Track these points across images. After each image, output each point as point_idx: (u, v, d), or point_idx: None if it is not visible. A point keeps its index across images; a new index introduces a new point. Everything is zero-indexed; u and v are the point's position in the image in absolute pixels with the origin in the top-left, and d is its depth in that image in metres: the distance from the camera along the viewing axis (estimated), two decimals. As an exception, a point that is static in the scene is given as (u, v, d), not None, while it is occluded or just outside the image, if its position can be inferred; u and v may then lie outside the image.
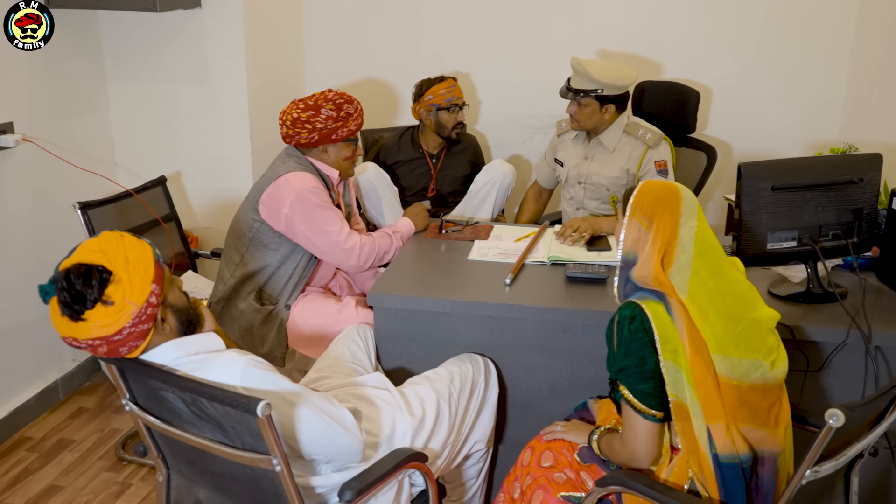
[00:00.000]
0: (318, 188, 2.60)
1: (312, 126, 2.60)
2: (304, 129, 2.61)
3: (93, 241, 1.59)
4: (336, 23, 4.02)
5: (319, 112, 2.60)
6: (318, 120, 2.60)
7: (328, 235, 2.60)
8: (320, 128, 2.60)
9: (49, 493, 2.69)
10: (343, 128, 2.63)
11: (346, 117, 2.63)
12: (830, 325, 2.16)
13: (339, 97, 2.64)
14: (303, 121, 2.60)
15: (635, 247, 1.81)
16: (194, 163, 3.57)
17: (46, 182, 3.12)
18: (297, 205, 2.56)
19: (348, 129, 2.64)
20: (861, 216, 2.28)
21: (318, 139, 2.62)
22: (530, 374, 2.34)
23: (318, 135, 2.61)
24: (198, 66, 3.44)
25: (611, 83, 2.97)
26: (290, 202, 2.56)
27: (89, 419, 3.13)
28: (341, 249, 2.61)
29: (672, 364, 1.71)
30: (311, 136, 2.62)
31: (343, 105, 2.63)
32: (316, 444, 1.68)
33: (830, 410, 1.44)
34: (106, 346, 1.57)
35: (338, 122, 2.61)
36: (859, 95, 3.63)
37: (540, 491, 1.94)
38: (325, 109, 2.60)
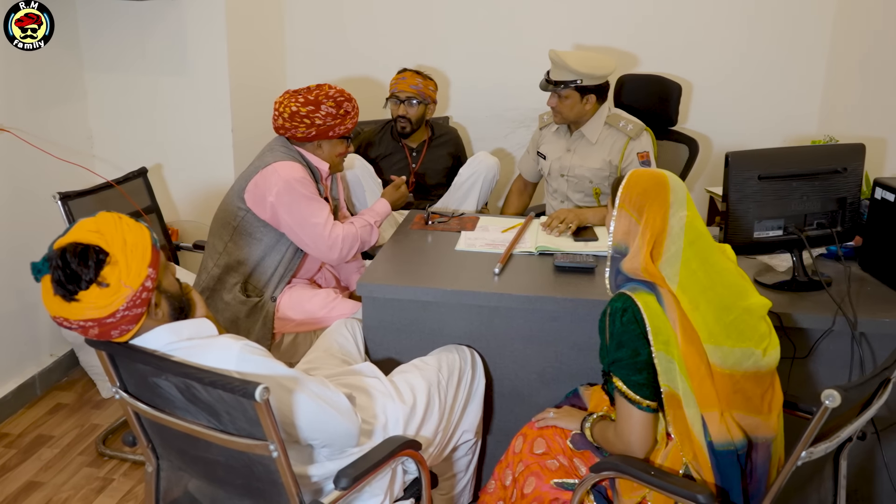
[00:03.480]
0: (305, 179, 2.58)
1: (311, 122, 2.58)
2: (302, 123, 2.58)
3: (90, 221, 1.55)
4: (317, 13, 3.99)
5: (319, 108, 2.58)
6: (317, 116, 2.58)
7: (313, 228, 2.57)
8: (319, 124, 2.58)
9: (29, 489, 2.64)
10: (340, 125, 2.61)
11: (345, 115, 2.62)
12: (816, 312, 2.18)
13: (339, 94, 2.62)
14: (302, 115, 2.58)
15: (626, 238, 1.80)
16: (175, 155, 3.52)
17: (23, 172, 3.05)
18: (284, 194, 2.53)
19: (345, 126, 2.63)
20: (845, 205, 2.32)
21: (315, 135, 2.61)
22: (519, 363, 2.34)
23: (315, 130, 2.59)
24: (178, 56, 3.39)
25: (589, 73, 2.98)
26: (277, 191, 2.53)
27: (68, 415, 3.07)
28: (325, 242, 2.59)
29: (664, 355, 1.71)
30: (308, 132, 2.59)
31: (343, 103, 2.62)
32: (313, 428, 1.66)
33: (827, 391, 1.45)
34: (97, 329, 1.54)
35: (336, 120, 2.60)
36: (837, 89, 3.68)
37: (532, 478, 1.94)
38: (326, 106, 2.58)
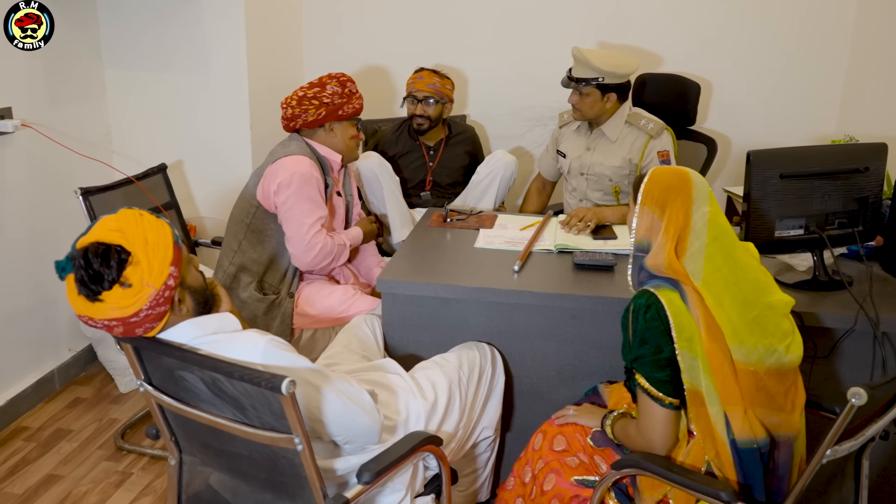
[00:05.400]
0: (311, 175, 2.61)
1: (319, 101, 2.66)
2: (311, 104, 2.66)
3: (111, 219, 1.55)
4: (335, 10, 4.00)
5: (325, 88, 2.68)
6: (324, 95, 2.67)
7: (299, 226, 2.61)
8: (327, 102, 2.66)
9: (48, 482, 2.66)
10: (348, 104, 2.69)
11: (350, 94, 2.71)
12: (838, 311, 2.17)
13: (341, 75, 2.74)
14: (309, 97, 2.67)
15: (648, 234, 1.80)
16: (193, 151, 3.54)
17: (44, 168, 3.07)
18: (284, 185, 2.59)
19: (352, 106, 2.71)
20: (866, 205, 2.30)
21: (325, 115, 2.67)
22: (538, 360, 2.34)
23: (325, 110, 2.66)
24: (197, 54, 3.41)
25: (612, 71, 2.98)
26: (279, 181, 2.59)
27: (86, 409, 3.10)
28: (304, 243, 2.61)
29: (688, 353, 1.70)
30: (318, 112, 2.66)
31: (346, 83, 2.72)
32: (336, 424, 1.67)
33: (853, 389, 1.44)
34: (122, 327, 1.55)
35: (343, 98, 2.68)
36: (857, 88, 3.66)
37: (552, 475, 1.94)
38: (331, 86, 2.69)
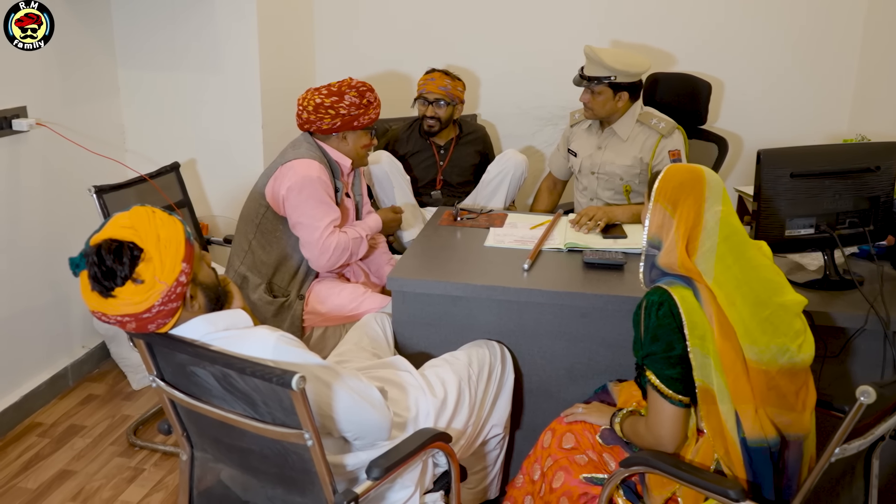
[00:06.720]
0: (321, 179, 2.60)
1: (336, 112, 2.62)
2: (327, 114, 2.62)
3: (124, 216, 1.57)
4: (346, 9, 4.02)
5: (343, 98, 2.62)
6: (341, 106, 2.62)
7: (312, 230, 2.60)
8: (343, 114, 2.62)
9: (62, 477, 2.69)
10: (364, 115, 2.65)
11: (368, 105, 2.66)
12: (849, 311, 2.16)
13: (361, 85, 2.67)
14: (326, 106, 2.62)
15: (660, 232, 1.80)
16: (206, 150, 3.56)
17: (59, 166, 3.10)
18: (294, 189, 2.58)
19: (369, 117, 2.67)
20: (877, 204, 2.30)
21: (340, 125, 2.64)
22: (548, 358, 2.34)
23: (340, 121, 2.63)
24: (209, 53, 3.43)
25: (624, 70, 2.98)
26: (289, 185, 2.58)
27: (99, 405, 3.12)
28: (318, 247, 2.61)
29: (700, 350, 1.70)
30: (333, 122, 2.63)
31: (365, 93, 2.66)
32: (346, 420, 1.68)
33: (862, 388, 1.44)
34: (134, 323, 1.57)
35: (360, 109, 2.64)
36: (869, 88, 3.64)
37: (561, 472, 1.94)
38: (349, 96, 2.63)
